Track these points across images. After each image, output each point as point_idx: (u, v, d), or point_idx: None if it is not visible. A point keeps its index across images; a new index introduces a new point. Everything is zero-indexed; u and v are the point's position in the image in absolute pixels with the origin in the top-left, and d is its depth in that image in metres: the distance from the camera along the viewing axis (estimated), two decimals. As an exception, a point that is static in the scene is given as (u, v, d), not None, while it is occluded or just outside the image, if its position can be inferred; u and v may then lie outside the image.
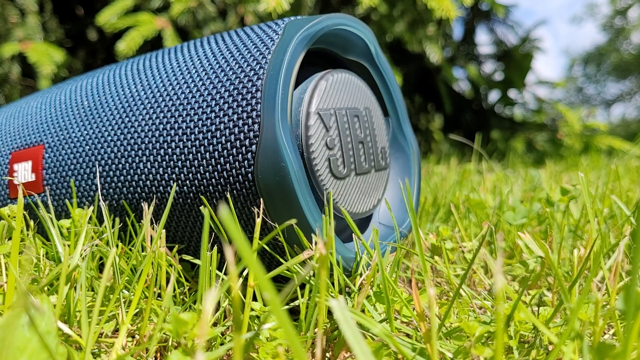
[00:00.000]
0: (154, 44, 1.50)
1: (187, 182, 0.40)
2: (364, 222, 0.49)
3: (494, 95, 2.48)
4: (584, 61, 15.01)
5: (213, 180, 0.39)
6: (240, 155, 0.38)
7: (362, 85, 0.47)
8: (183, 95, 0.42)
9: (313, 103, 0.41)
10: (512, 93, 2.40)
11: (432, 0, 1.23)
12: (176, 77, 0.43)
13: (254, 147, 0.37)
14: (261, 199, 0.38)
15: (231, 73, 0.40)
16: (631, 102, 14.30)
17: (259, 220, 0.37)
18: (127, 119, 0.44)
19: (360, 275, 0.41)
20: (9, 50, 1.42)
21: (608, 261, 0.44)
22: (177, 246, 0.43)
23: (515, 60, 2.30)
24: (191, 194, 0.40)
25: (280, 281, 0.43)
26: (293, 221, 0.36)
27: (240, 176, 0.38)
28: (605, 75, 14.52)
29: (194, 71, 0.43)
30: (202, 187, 0.40)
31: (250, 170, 0.37)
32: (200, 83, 0.41)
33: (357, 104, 0.45)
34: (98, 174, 0.45)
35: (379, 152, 0.47)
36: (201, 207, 0.39)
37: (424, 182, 0.94)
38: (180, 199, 0.41)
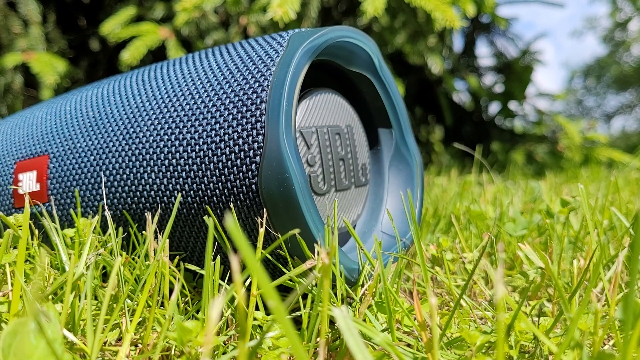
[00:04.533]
0: (155, 54, 1.51)
1: (192, 192, 0.41)
2: (345, 237, 0.49)
3: (494, 107, 2.48)
4: (584, 73, 15.04)
5: (217, 190, 0.39)
6: (244, 166, 0.38)
7: (345, 104, 0.48)
8: (188, 107, 0.42)
9: (296, 121, 0.42)
10: (513, 105, 2.41)
11: (436, 11, 1.23)
12: (181, 88, 0.44)
13: (258, 158, 0.38)
14: (265, 210, 0.38)
15: (236, 85, 0.41)
16: (631, 114, 14.32)
17: (262, 230, 0.37)
18: (132, 129, 0.45)
19: (362, 285, 0.41)
20: (12, 61, 1.43)
21: (608, 272, 0.44)
22: (177, 257, 0.44)
23: (516, 73, 2.31)
24: (195, 204, 0.41)
25: (282, 292, 0.43)
26: (296, 231, 0.37)
27: (244, 187, 0.38)
28: (605, 87, 14.55)
29: (198, 82, 0.43)
30: (206, 198, 0.40)
31: (254, 181, 0.38)
32: (205, 94, 0.42)
33: (339, 122, 0.46)
34: (103, 184, 0.45)
35: (359, 169, 0.48)
36: (205, 217, 0.40)
37: (425, 193, 0.95)
38: (184, 209, 0.41)
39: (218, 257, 0.37)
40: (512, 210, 0.70)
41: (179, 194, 0.41)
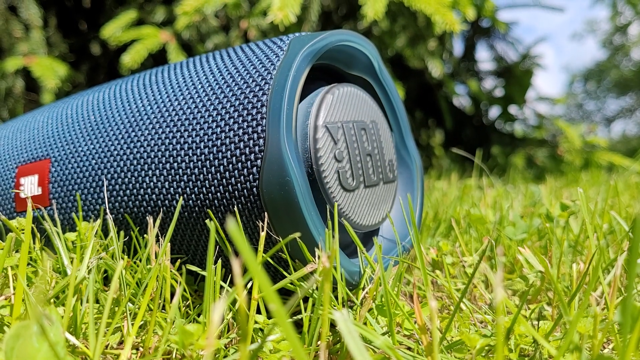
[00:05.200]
0: (156, 57, 1.51)
1: (193, 196, 0.41)
2: (370, 236, 0.49)
3: (494, 111, 2.49)
4: (584, 77, 15.05)
5: (218, 194, 0.40)
6: (245, 170, 0.38)
7: (368, 99, 0.47)
8: (189, 110, 0.42)
9: (320, 116, 0.42)
10: (513, 109, 2.41)
11: (436, 14, 1.24)
12: (182, 92, 0.44)
13: (259, 161, 0.38)
14: (266, 213, 0.38)
15: (237, 88, 0.41)
16: (631, 118, 14.33)
17: (263, 234, 0.37)
18: (134, 133, 0.45)
19: (363, 289, 0.41)
20: (13, 65, 1.43)
21: (607, 276, 0.44)
22: (179, 261, 0.44)
23: (516, 77, 2.31)
24: (196, 208, 0.41)
25: (283, 295, 0.44)
26: (297, 234, 0.37)
27: (245, 190, 0.38)
28: (605, 91, 14.56)
29: (199, 86, 0.43)
30: (207, 201, 0.40)
31: (255, 184, 0.38)
32: (206, 98, 0.42)
33: (363, 117, 0.46)
34: (105, 188, 0.45)
35: (387, 165, 0.48)
36: (207, 221, 0.40)
37: (425, 197, 0.95)
38: (185, 213, 0.42)
39: (219, 261, 0.37)
40: (512, 214, 0.70)
41: (180, 197, 0.41)
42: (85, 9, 1.81)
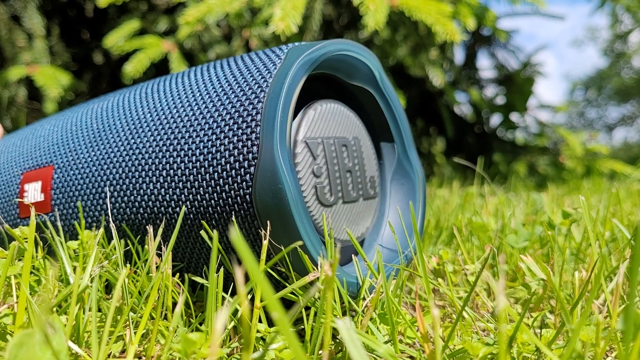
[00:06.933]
0: (158, 66, 1.51)
1: (187, 202, 0.41)
2: (352, 250, 0.49)
3: (495, 119, 2.49)
4: (585, 85, 15.06)
5: (212, 201, 0.40)
6: (239, 177, 0.38)
7: (352, 116, 0.48)
8: (187, 118, 0.43)
9: (301, 132, 0.42)
10: (514, 117, 2.41)
11: (436, 24, 1.24)
12: (181, 100, 0.44)
13: (252, 168, 0.38)
14: (259, 221, 0.38)
15: (233, 96, 0.41)
16: (633, 126, 14.33)
17: (265, 242, 0.37)
18: (133, 140, 0.45)
19: (364, 299, 0.41)
20: (16, 74, 1.43)
21: (610, 284, 0.44)
22: (179, 270, 0.44)
23: (517, 85, 2.31)
24: (191, 215, 0.41)
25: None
26: (299, 243, 0.37)
27: (238, 197, 0.39)
28: (606, 99, 14.56)
29: (197, 94, 0.43)
30: (201, 209, 0.40)
31: (248, 191, 0.38)
32: (204, 105, 0.42)
33: (345, 134, 0.46)
34: (108, 196, 0.45)
35: (367, 181, 0.48)
36: (208, 229, 0.40)
37: (427, 205, 0.95)
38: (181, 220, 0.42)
39: (222, 269, 0.37)
40: (514, 222, 0.70)
41: (176, 204, 0.41)
42: (88, 19, 1.82)
